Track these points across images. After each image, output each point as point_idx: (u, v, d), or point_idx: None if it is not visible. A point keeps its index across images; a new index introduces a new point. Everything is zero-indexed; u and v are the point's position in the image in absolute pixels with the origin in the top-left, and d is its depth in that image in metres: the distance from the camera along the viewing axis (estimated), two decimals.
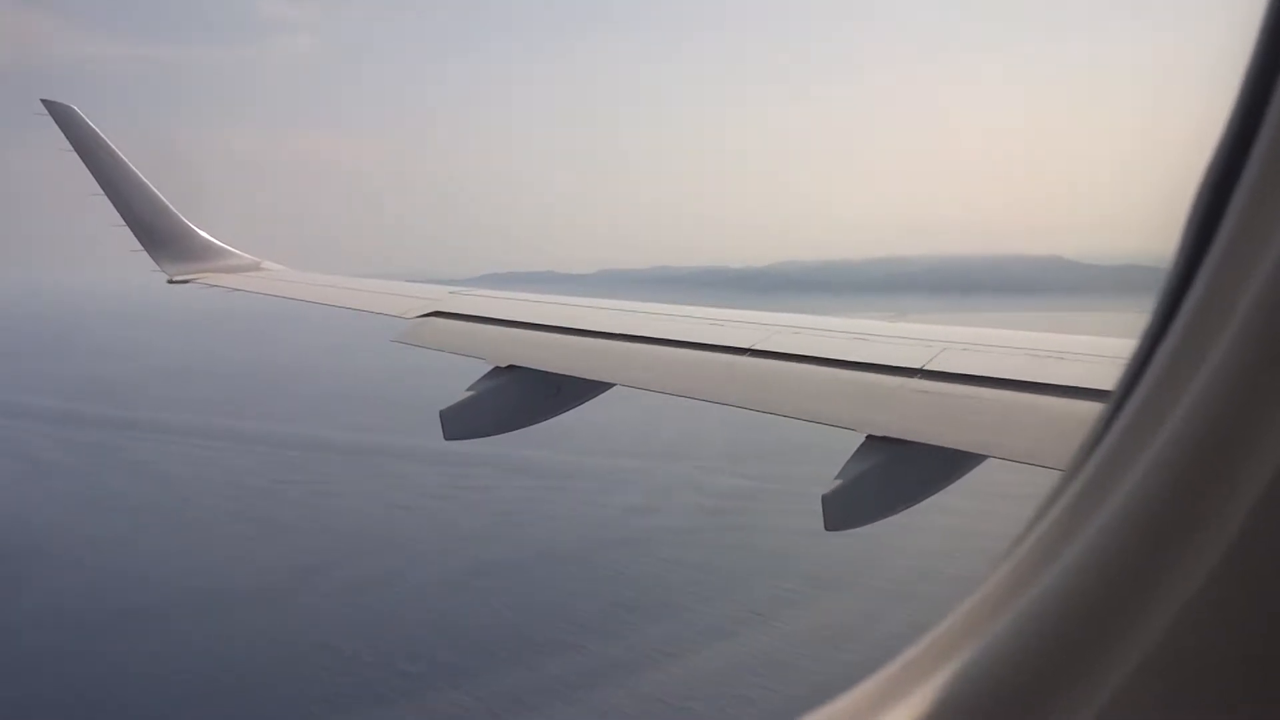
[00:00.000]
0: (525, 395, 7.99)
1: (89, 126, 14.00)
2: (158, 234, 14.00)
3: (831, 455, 5.78)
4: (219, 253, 14.27)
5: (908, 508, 5.72)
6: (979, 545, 34.81)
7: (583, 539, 41.98)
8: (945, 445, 5.31)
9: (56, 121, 13.91)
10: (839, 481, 5.51)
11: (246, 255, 14.42)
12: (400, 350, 10.02)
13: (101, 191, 13.86)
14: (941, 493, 5.88)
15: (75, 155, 13.88)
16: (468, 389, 7.95)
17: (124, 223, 13.93)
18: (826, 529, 5.51)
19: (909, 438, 5.41)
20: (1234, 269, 1.24)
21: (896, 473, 5.53)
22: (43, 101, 13.98)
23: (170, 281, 13.68)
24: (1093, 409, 1.47)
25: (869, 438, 5.66)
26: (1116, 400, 1.42)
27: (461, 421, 7.80)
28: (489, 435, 8.06)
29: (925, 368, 6.01)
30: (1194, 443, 1.21)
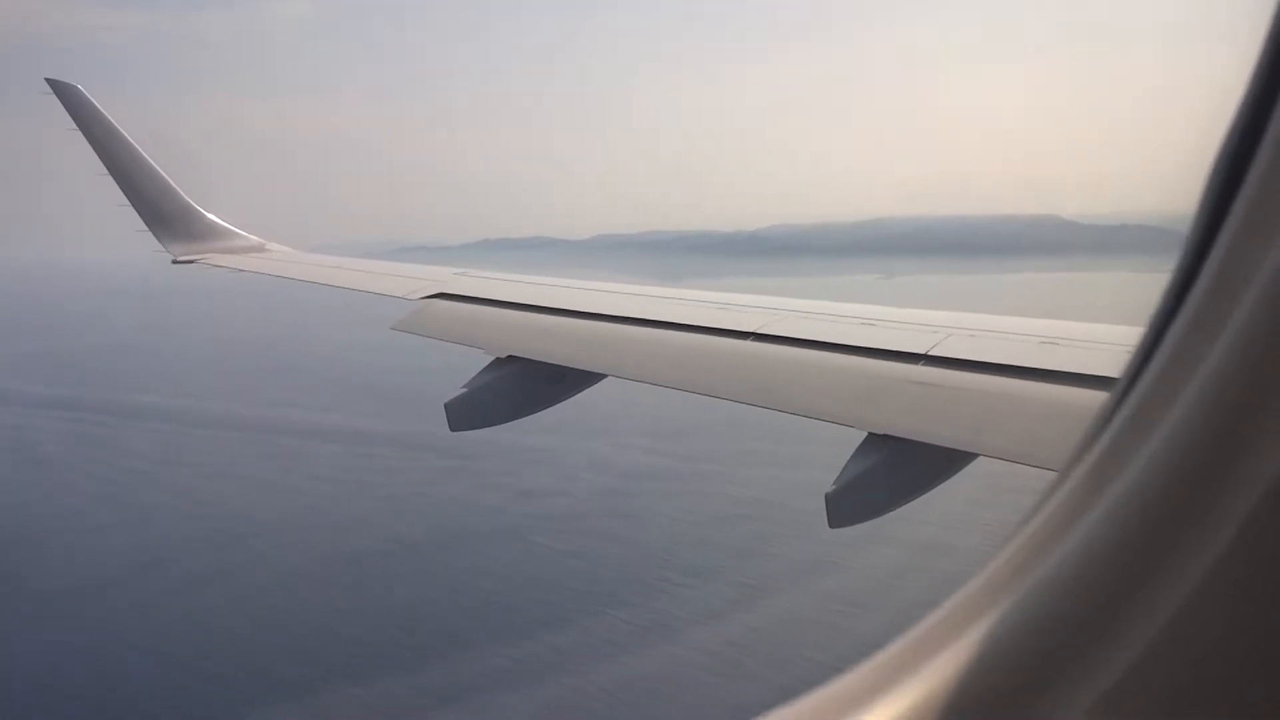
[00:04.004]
0: (527, 386, 8.13)
1: (94, 106, 13.89)
2: (163, 214, 14.00)
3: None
4: (223, 233, 14.29)
5: (911, 500, 5.81)
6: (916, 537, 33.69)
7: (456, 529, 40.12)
8: (945, 445, 5.40)
9: (61, 101, 13.78)
10: (840, 483, 5.56)
11: (251, 236, 14.42)
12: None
13: (106, 171, 13.85)
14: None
15: (79, 134, 13.78)
16: (465, 385, 8.03)
17: (129, 203, 13.95)
18: (831, 526, 5.66)
19: (911, 436, 5.48)
20: (1242, 258, 1.23)
21: (900, 468, 5.59)
22: (47, 80, 13.85)
23: (175, 262, 13.75)
24: (1097, 397, 1.46)
25: (870, 434, 5.67)
26: (1121, 389, 1.41)
27: (466, 413, 7.95)
28: (493, 425, 8.18)
29: (929, 353, 6.05)
30: (1198, 434, 1.21)
